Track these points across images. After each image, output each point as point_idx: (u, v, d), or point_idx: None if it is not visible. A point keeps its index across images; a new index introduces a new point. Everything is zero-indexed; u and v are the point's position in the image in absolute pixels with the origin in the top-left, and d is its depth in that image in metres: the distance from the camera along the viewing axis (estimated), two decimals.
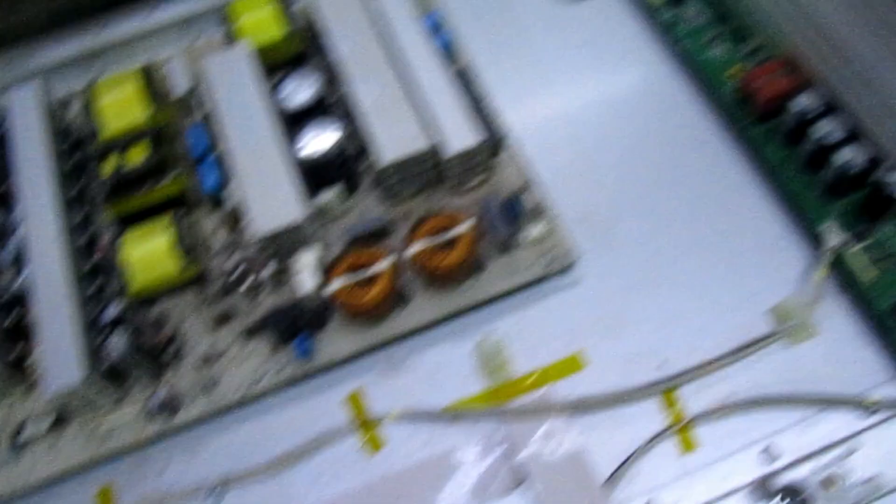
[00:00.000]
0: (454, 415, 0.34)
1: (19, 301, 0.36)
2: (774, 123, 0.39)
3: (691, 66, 0.42)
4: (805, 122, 0.36)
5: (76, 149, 0.41)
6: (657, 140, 0.41)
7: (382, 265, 0.35)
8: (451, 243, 0.35)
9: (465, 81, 0.39)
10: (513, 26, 0.46)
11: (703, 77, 0.41)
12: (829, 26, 0.38)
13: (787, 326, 0.35)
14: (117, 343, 0.34)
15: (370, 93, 0.38)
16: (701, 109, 0.42)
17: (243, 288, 0.36)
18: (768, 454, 0.32)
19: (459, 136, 0.36)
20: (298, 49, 0.42)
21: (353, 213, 0.38)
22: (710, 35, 0.42)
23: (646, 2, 0.44)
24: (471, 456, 0.33)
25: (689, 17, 0.43)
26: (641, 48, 0.44)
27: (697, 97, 0.42)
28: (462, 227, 0.35)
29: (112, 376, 0.34)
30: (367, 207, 0.39)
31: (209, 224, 0.39)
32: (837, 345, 0.35)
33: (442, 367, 0.36)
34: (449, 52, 0.41)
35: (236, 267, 0.37)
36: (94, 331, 0.34)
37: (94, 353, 0.34)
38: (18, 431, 0.35)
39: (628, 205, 0.39)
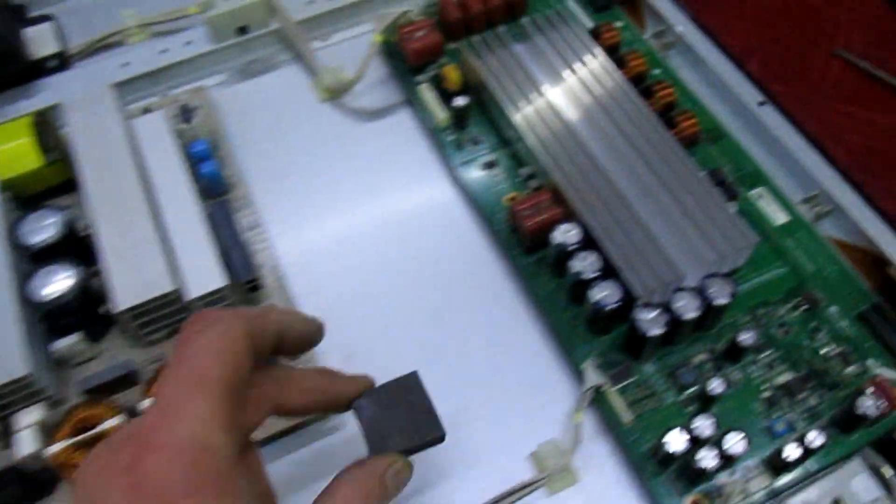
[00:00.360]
0: None
1: None
2: (542, 254, 0.38)
3: (471, 192, 0.41)
4: (564, 256, 0.36)
5: None
6: (435, 271, 0.40)
7: (111, 422, 0.32)
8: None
9: (222, 217, 0.37)
10: (297, 147, 0.44)
11: (480, 204, 0.41)
12: (588, 167, 0.38)
13: (545, 474, 0.33)
14: None
15: (116, 231, 0.35)
16: (480, 237, 0.41)
17: None
18: None
19: (204, 277, 0.34)
20: (64, 178, 0.40)
21: (102, 358, 0.36)
22: (488, 159, 0.42)
23: (430, 122, 0.43)
24: None
25: (469, 140, 0.42)
26: (428, 171, 0.43)
27: (478, 224, 0.41)
28: (109, 423, 0.32)
29: None
30: (116, 352, 0.36)
31: None
32: (598, 492, 0.33)
33: None
34: (217, 182, 0.39)
35: None
36: None
37: None
38: None
39: (396, 342, 0.38)
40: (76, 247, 0.37)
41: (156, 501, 0.20)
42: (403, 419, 0.28)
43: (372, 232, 0.41)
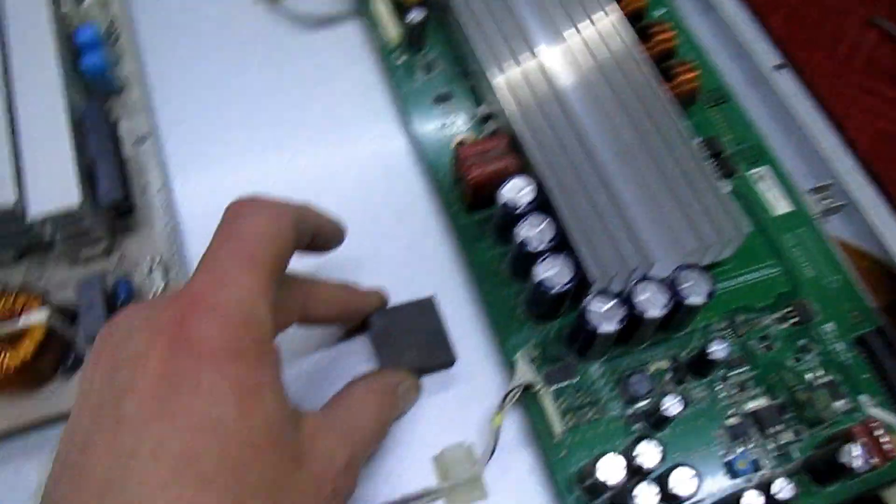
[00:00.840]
0: None
1: None
2: (487, 214, 0.31)
3: (415, 130, 0.34)
4: (511, 218, 0.29)
5: None
6: (362, 218, 0.32)
7: None
8: (18, 336, 0.26)
9: (95, 121, 0.30)
10: (218, 53, 0.36)
11: (424, 145, 0.33)
12: (556, 113, 0.30)
13: (446, 483, 0.27)
14: None
15: None
16: (421, 185, 0.34)
17: None
18: None
19: (54, 192, 0.27)
20: None
21: None
22: (442, 90, 0.34)
23: (381, 39, 0.36)
24: None
25: (423, 66, 0.35)
26: (371, 97, 0.36)
27: (420, 169, 0.34)
28: (33, 317, 0.26)
29: None
30: None
31: None
32: None
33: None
34: (102, 77, 0.32)
35: None
36: None
37: None
38: None
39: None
40: None
41: (198, 360, 0.19)
42: (416, 339, 0.29)
43: (295, 166, 0.34)
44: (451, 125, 0.34)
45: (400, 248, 0.32)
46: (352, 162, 0.34)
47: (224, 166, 0.34)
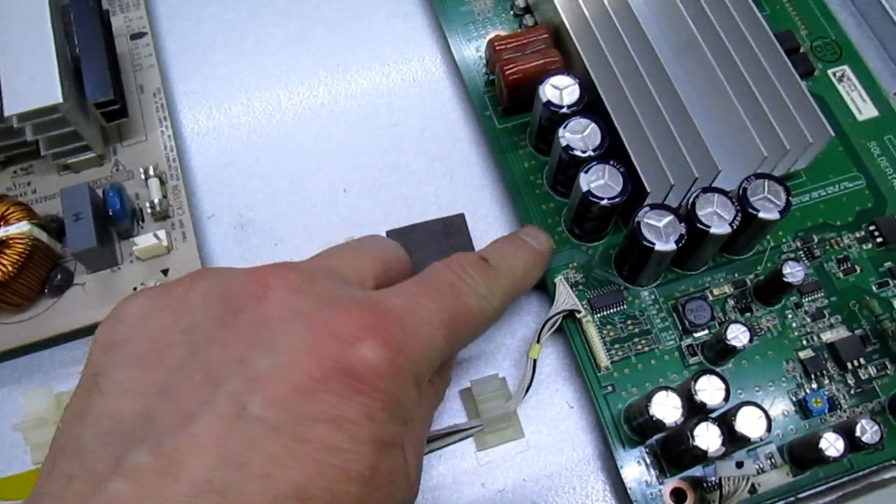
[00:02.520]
0: None
1: None
2: (525, 119, 0.27)
3: (444, 22, 0.30)
4: (554, 120, 0.25)
5: None
6: (375, 129, 0.29)
7: None
8: None
9: (83, 10, 0.26)
10: None
11: (455, 40, 0.29)
12: (612, 4, 0.26)
13: (478, 422, 0.24)
14: None
15: None
16: (449, 87, 0.30)
17: None
18: None
19: (34, 88, 0.24)
20: None
21: None
22: None
23: None
24: None
25: None
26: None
27: (448, 67, 0.30)
28: (14, 228, 0.23)
29: None
30: None
31: None
32: (545, 457, 0.24)
33: None
34: None
35: None
36: None
37: None
38: None
39: (307, 220, 0.27)
40: None
41: (355, 384, 0.16)
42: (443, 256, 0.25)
43: (314, 70, 0.30)
44: (483, 20, 0.29)
45: (427, 160, 0.28)
46: (372, 63, 0.30)
47: (229, 67, 0.30)
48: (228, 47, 0.30)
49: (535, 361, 0.24)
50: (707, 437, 0.21)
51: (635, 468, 0.23)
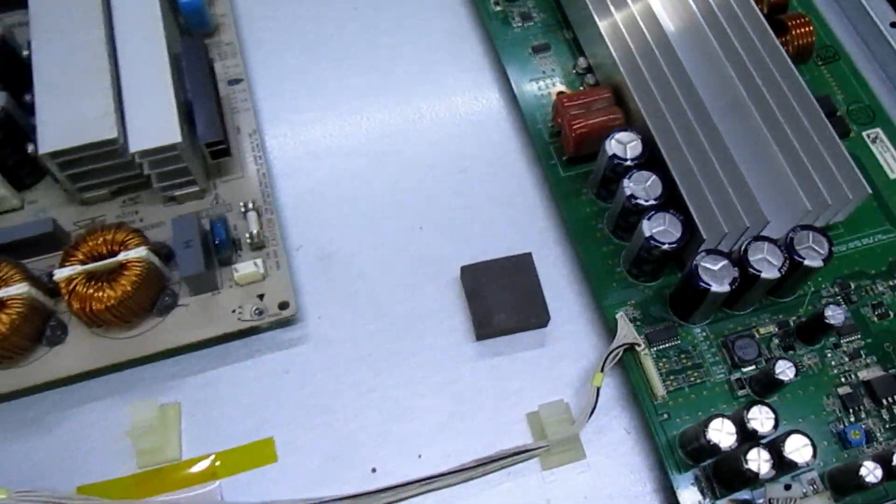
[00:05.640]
0: (81, 502, 0.25)
1: None
2: (587, 169, 0.30)
3: (511, 80, 0.33)
4: (618, 172, 0.28)
5: None
6: (446, 172, 0.32)
7: (12, 290, 0.25)
8: (117, 272, 0.26)
9: (194, 60, 0.29)
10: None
11: (520, 96, 0.32)
12: (665, 65, 0.29)
13: (540, 445, 0.26)
14: None
15: (56, 58, 0.28)
16: (513, 137, 0.33)
17: None
18: None
19: (154, 129, 0.27)
20: None
21: (26, 212, 0.29)
22: (540, 41, 0.33)
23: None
24: None
25: (520, 15, 0.34)
26: (463, 47, 0.35)
27: (514, 120, 0.33)
28: (133, 253, 0.26)
29: None
30: (45, 207, 0.29)
31: None
32: (606, 476, 0.26)
33: (87, 436, 0.27)
34: (199, 16, 0.31)
35: None
36: None
37: None
38: None
39: (384, 253, 0.30)
40: (12, 70, 0.29)
41: None
42: (510, 296, 0.28)
43: (386, 116, 0.33)
44: (547, 77, 0.32)
45: (493, 203, 0.31)
46: (444, 112, 0.33)
47: (313, 113, 0.33)
48: (312, 95, 0.33)
49: (598, 389, 0.26)
50: (758, 461, 0.23)
51: (689, 489, 0.25)
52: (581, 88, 0.32)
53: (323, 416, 0.27)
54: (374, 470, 0.26)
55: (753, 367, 0.27)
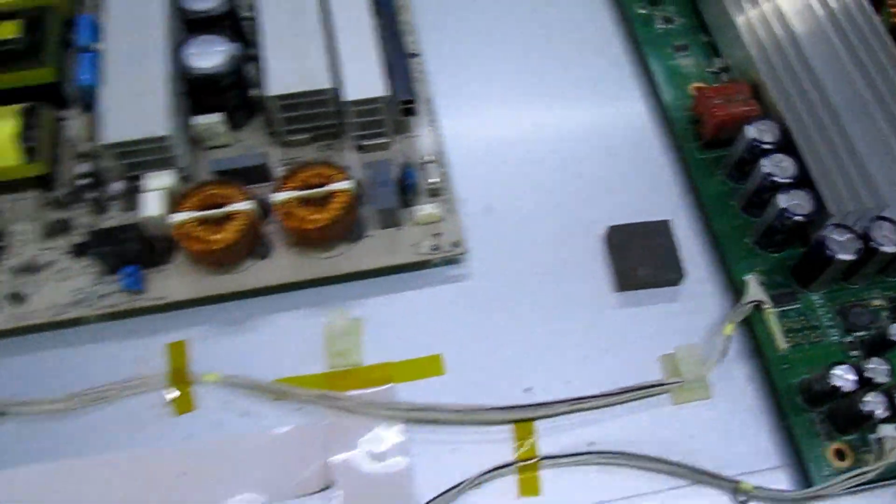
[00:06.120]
0: (280, 391, 0.30)
1: None
2: (721, 154, 0.34)
3: (653, 73, 0.37)
4: (756, 154, 0.32)
5: None
6: (593, 148, 0.36)
7: (240, 206, 0.30)
8: (323, 200, 0.31)
9: (392, 35, 0.34)
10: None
11: (661, 87, 0.37)
12: (797, 66, 0.33)
13: (675, 381, 0.30)
14: None
15: (281, 18, 0.33)
16: (653, 124, 0.37)
17: (88, 200, 0.32)
18: None
19: (364, 83, 0.32)
20: None
21: (235, 148, 0.34)
22: (680, 42, 0.38)
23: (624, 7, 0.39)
24: (284, 441, 0.29)
25: (662, 18, 0.38)
26: (604, 42, 0.39)
27: (651, 110, 0.37)
28: (341, 185, 0.31)
29: None
30: (252, 146, 0.34)
31: (76, 125, 0.34)
32: (728, 414, 0.30)
33: (285, 337, 0.31)
34: (388, 4, 0.36)
35: (86, 176, 0.32)
36: None
37: None
38: None
39: (538, 212, 0.35)
40: (235, 26, 0.34)
41: None
42: (649, 254, 0.32)
43: (540, 99, 0.38)
44: (687, 73, 0.37)
45: (636, 177, 0.35)
46: (593, 98, 0.38)
47: (477, 88, 0.38)
48: (479, 71, 0.38)
49: (729, 337, 0.30)
50: (873, 403, 0.27)
51: (805, 430, 0.29)
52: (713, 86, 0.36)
53: (483, 341, 0.31)
54: (527, 389, 0.30)
55: (865, 332, 0.31)
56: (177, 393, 0.30)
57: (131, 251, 0.30)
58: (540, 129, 0.37)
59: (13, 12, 0.33)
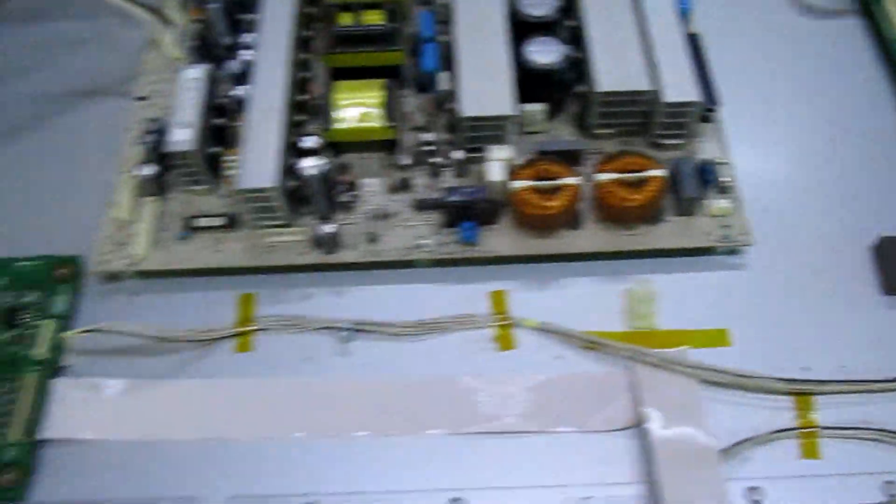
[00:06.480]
0: (593, 341, 0.35)
1: (226, 110, 0.39)
2: None
3: None
4: None
5: None
6: (863, 161, 0.40)
7: (570, 180, 0.36)
8: (638, 184, 0.36)
9: (695, 46, 0.39)
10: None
11: None
12: None
13: None
14: (309, 168, 0.35)
15: (602, 25, 0.39)
16: None
17: (427, 164, 0.38)
18: (893, 487, 0.31)
19: (680, 87, 0.37)
20: None
21: (546, 135, 0.40)
22: None
23: (883, 35, 0.43)
24: (598, 385, 0.34)
25: None
26: (871, 78, 0.43)
27: None
28: (655, 172, 0.36)
29: (292, 196, 0.36)
30: (561, 134, 0.40)
31: (410, 103, 0.41)
32: None
33: (589, 298, 0.36)
34: (685, 18, 0.41)
35: (428, 144, 0.38)
36: (291, 153, 0.37)
37: (286, 171, 0.36)
38: (193, 218, 0.37)
39: (815, 212, 0.39)
40: (563, 31, 0.40)
41: None
42: None
43: (808, 116, 0.42)
44: None
45: None
46: (864, 122, 0.42)
47: (752, 107, 0.42)
48: (758, 83, 0.43)
49: None
50: None
51: None
52: None
53: (762, 323, 0.35)
54: (805, 368, 0.34)
55: None
56: (500, 332, 0.35)
57: (477, 209, 0.36)
58: (814, 143, 0.41)
59: (378, 3, 0.40)
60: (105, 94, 0.44)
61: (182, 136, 0.36)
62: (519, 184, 0.35)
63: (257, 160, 0.35)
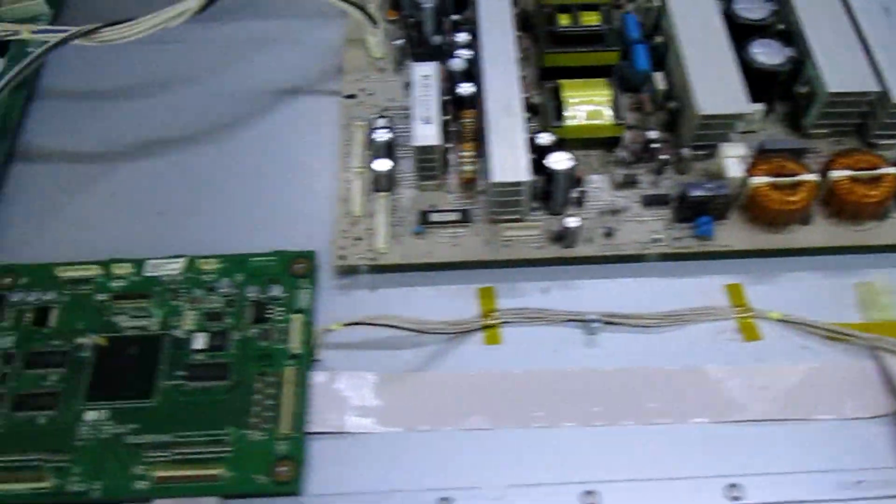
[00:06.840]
0: (836, 332, 0.36)
1: (457, 106, 0.40)
2: None
3: None
4: None
5: None
6: None
7: (808, 176, 0.37)
8: (875, 180, 0.37)
9: None
10: None
11: None
12: None
13: None
14: (559, 164, 0.36)
15: (818, 27, 0.40)
16: None
17: (655, 160, 0.39)
18: None
19: None
20: None
21: (760, 134, 0.41)
22: None
23: None
24: (850, 373, 0.35)
25: None
26: None
27: None
28: (890, 169, 0.37)
29: (534, 192, 0.37)
30: (772, 134, 0.41)
31: (622, 101, 0.42)
32: None
33: (820, 291, 0.37)
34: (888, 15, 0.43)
35: (653, 142, 0.39)
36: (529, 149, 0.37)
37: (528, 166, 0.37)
38: (428, 213, 0.38)
39: None
40: (779, 33, 0.41)
41: None
42: None
43: None
44: None
45: None
46: None
47: None
48: None
49: None
50: None
51: None
52: None
53: None
54: None
55: None
56: (743, 324, 0.36)
57: (714, 204, 0.37)
58: None
59: (595, 4, 0.41)
60: (308, 93, 0.45)
61: (427, 132, 0.37)
62: (759, 179, 0.36)
63: (507, 155, 0.36)
